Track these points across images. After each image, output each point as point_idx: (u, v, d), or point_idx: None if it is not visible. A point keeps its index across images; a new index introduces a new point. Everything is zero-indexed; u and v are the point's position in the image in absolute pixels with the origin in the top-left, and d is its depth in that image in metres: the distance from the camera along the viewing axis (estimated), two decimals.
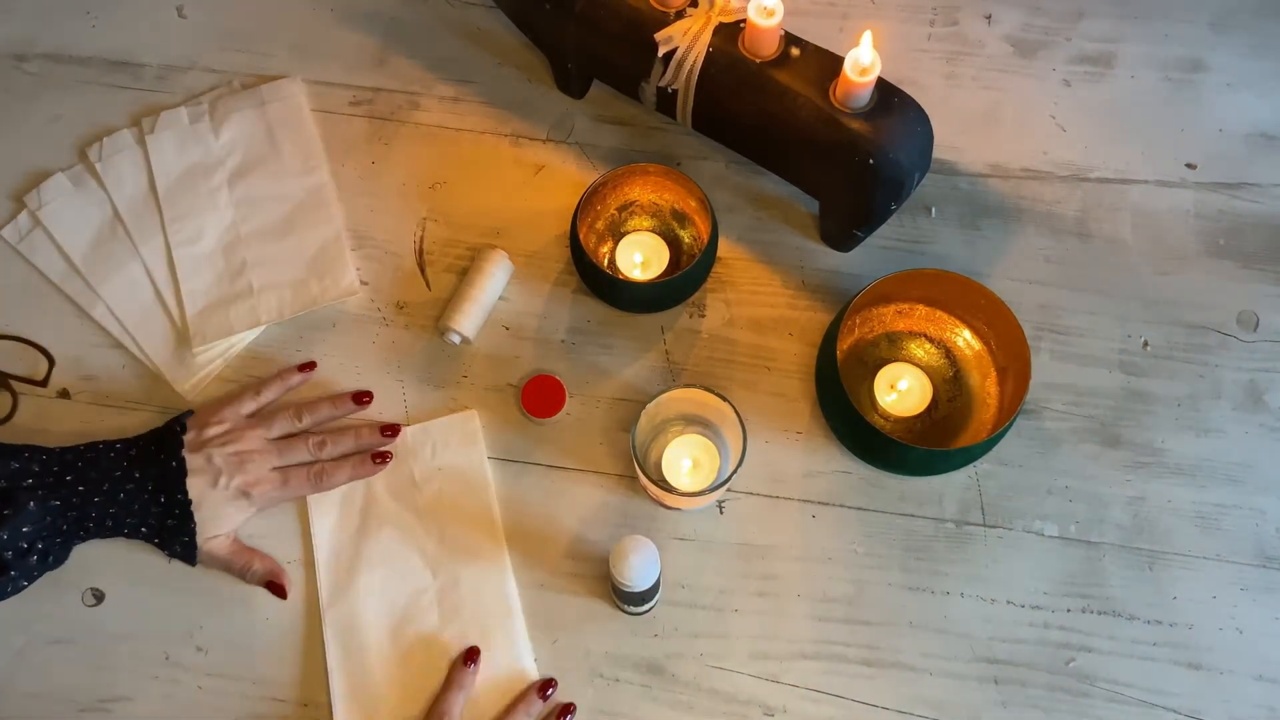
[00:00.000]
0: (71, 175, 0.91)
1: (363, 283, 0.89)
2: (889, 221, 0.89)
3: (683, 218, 0.89)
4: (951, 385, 0.85)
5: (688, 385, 0.77)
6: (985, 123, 0.95)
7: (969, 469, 0.84)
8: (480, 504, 0.82)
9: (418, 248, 0.90)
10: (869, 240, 0.89)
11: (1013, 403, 0.78)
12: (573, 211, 0.83)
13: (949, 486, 0.84)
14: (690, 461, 0.81)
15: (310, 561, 0.81)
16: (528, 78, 0.96)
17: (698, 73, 0.81)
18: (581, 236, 0.83)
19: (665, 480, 0.79)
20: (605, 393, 0.86)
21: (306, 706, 0.78)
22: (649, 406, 0.76)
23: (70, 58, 0.96)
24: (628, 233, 0.89)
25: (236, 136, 0.92)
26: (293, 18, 0.98)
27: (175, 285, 0.87)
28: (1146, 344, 0.88)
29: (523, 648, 0.79)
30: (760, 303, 0.89)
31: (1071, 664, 0.79)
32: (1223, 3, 0.99)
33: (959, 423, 0.84)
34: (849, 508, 0.83)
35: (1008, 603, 0.81)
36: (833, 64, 0.78)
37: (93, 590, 0.81)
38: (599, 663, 0.79)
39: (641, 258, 0.88)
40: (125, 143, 0.92)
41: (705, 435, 0.82)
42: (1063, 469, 0.84)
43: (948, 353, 0.86)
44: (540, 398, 0.84)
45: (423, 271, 0.90)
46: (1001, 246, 0.90)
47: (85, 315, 0.87)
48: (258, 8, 0.98)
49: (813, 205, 0.90)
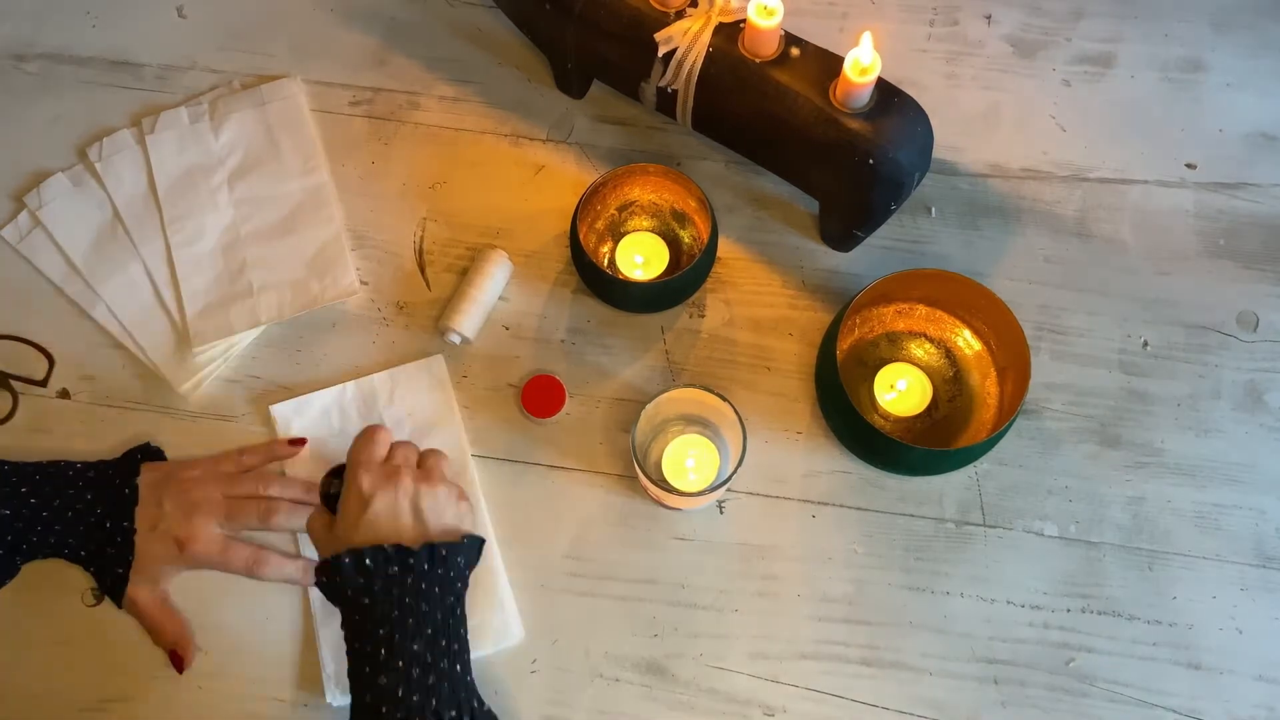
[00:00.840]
0: (71, 175, 0.91)
1: (363, 283, 0.89)
2: (889, 221, 0.89)
3: (683, 218, 0.89)
4: (951, 385, 0.85)
5: (688, 385, 0.77)
6: (985, 123, 0.95)
7: (969, 469, 0.84)
8: (452, 447, 0.83)
9: (418, 248, 0.90)
10: (869, 240, 0.89)
11: (1013, 403, 0.78)
12: (573, 211, 0.83)
13: (949, 486, 0.84)
14: (690, 461, 0.81)
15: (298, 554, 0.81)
16: (528, 78, 0.96)
17: (698, 73, 0.81)
18: (581, 236, 0.83)
19: (665, 480, 0.79)
20: (605, 393, 0.86)
21: (306, 706, 0.78)
22: (649, 406, 0.76)
23: (70, 58, 0.96)
24: (628, 233, 0.89)
25: (236, 136, 0.92)
26: (293, 18, 0.98)
27: (175, 285, 0.87)
28: (1146, 344, 0.88)
29: (504, 593, 0.80)
30: (760, 303, 0.89)
31: (1071, 664, 0.79)
32: (1223, 3, 0.99)
33: (959, 423, 0.84)
34: (849, 508, 0.83)
35: (1008, 603, 0.81)
36: (833, 64, 0.78)
37: (93, 590, 0.81)
38: (599, 663, 0.79)
39: (641, 258, 0.88)
40: (125, 143, 0.92)
41: (705, 435, 0.82)
42: (1062, 469, 0.84)
43: (948, 353, 0.86)
44: (540, 398, 0.84)
45: (423, 271, 0.90)
46: (1001, 246, 0.91)
47: (85, 315, 0.87)
48: (258, 8, 0.98)
49: (813, 205, 0.90)
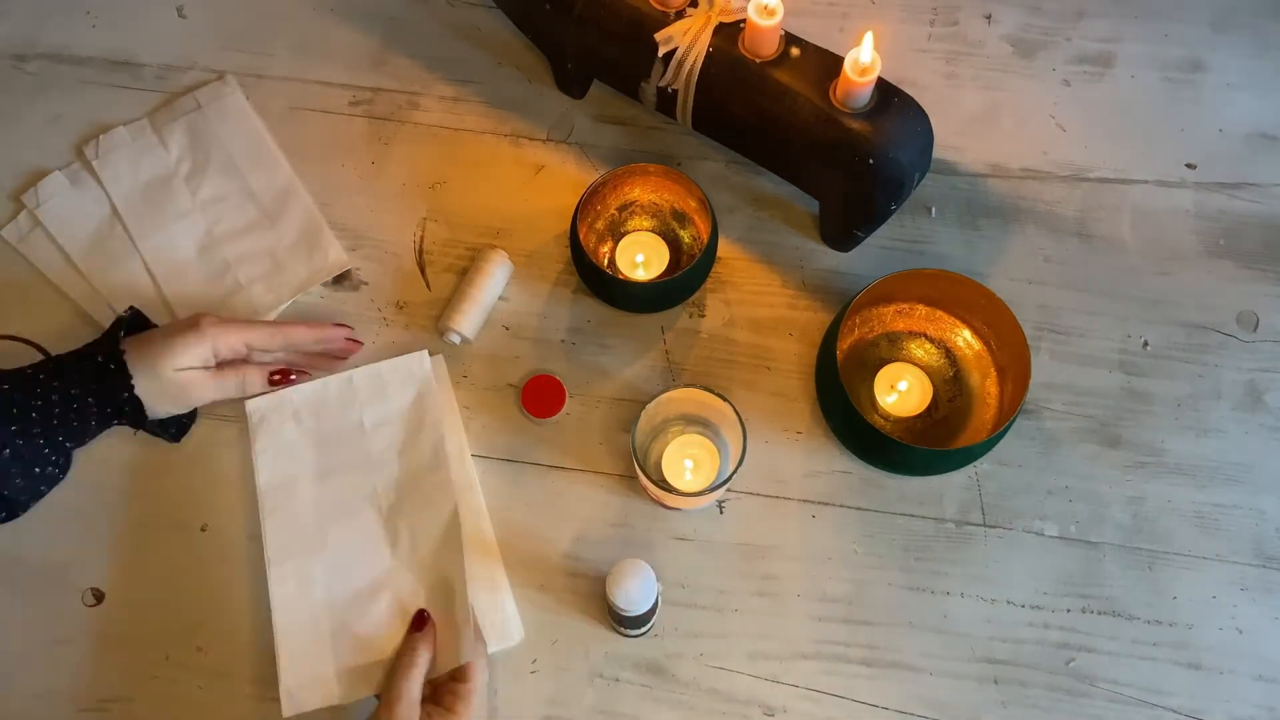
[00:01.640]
0: (69, 173, 0.91)
1: (363, 283, 0.89)
2: (889, 221, 0.89)
3: (683, 218, 0.89)
4: (951, 385, 0.85)
5: (688, 385, 0.77)
6: (985, 123, 0.95)
7: (969, 469, 0.84)
8: (452, 448, 0.82)
9: (418, 248, 0.90)
10: (869, 240, 0.89)
11: (1013, 403, 0.78)
12: (573, 211, 0.83)
13: (949, 486, 0.84)
14: (690, 461, 0.81)
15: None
16: (528, 78, 0.96)
17: (698, 73, 0.81)
18: (581, 236, 0.83)
19: (665, 480, 0.79)
20: (605, 393, 0.86)
21: None
22: (649, 406, 0.76)
23: (70, 58, 0.96)
24: (628, 233, 0.89)
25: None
26: (293, 18, 0.98)
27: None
28: (1146, 344, 0.88)
29: (504, 593, 0.80)
30: (760, 303, 0.89)
31: (1071, 664, 0.79)
32: (1223, 3, 0.99)
33: (959, 423, 0.84)
34: (849, 508, 0.83)
35: (1008, 603, 0.81)
36: (833, 64, 0.78)
37: (93, 590, 0.81)
38: (599, 663, 0.79)
39: (642, 258, 0.88)
40: (121, 140, 0.92)
41: (705, 435, 0.82)
42: (1063, 469, 0.84)
43: (948, 353, 0.86)
44: (540, 398, 0.84)
45: (423, 271, 0.90)
46: (1001, 246, 0.91)
47: (86, 315, 0.87)
48: (258, 8, 0.98)
49: (813, 205, 0.90)
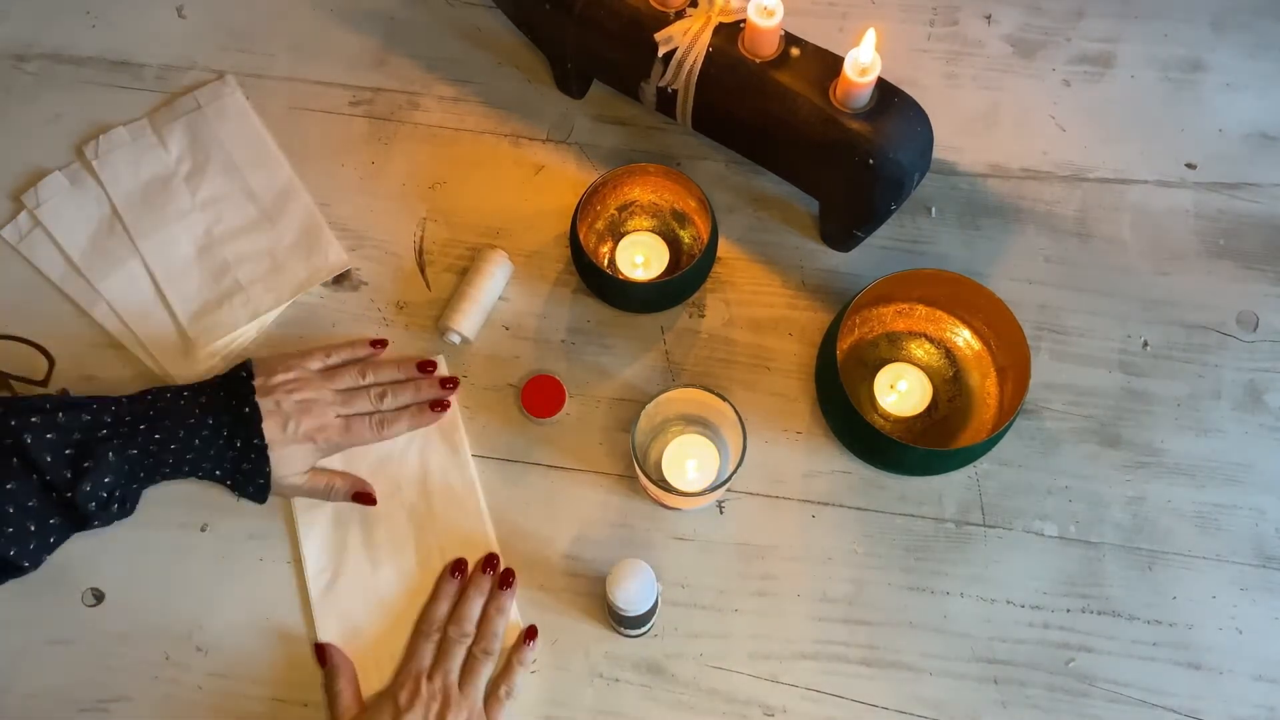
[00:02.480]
0: (69, 173, 0.91)
1: (363, 283, 0.89)
2: (889, 221, 0.89)
3: (683, 218, 0.89)
4: (951, 385, 0.85)
5: (688, 385, 0.77)
6: (985, 123, 0.95)
7: (969, 469, 0.84)
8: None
9: (418, 248, 0.90)
10: (869, 240, 0.89)
11: (1013, 403, 0.78)
12: (573, 211, 0.83)
13: (949, 486, 0.84)
14: (690, 461, 0.81)
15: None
16: (528, 78, 0.96)
17: (697, 73, 0.81)
18: (581, 236, 0.83)
19: (665, 480, 0.79)
20: (605, 393, 0.86)
21: (306, 706, 0.78)
22: (649, 406, 0.76)
23: (70, 58, 0.96)
24: (628, 233, 0.89)
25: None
26: (293, 18, 0.98)
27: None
28: (1146, 344, 0.88)
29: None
30: (760, 303, 0.89)
31: (1071, 664, 0.79)
32: (1223, 3, 0.99)
33: (959, 423, 0.84)
34: (849, 508, 0.83)
35: (1008, 603, 0.81)
36: (833, 64, 0.78)
37: (93, 590, 0.81)
38: (599, 663, 0.79)
39: (642, 258, 0.88)
40: (121, 139, 0.92)
41: (705, 435, 0.82)
42: (1062, 469, 0.84)
43: (948, 353, 0.86)
44: (540, 398, 0.84)
45: (422, 271, 0.90)
46: (1001, 246, 0.91)
47: (85, 315, 0.87)
48: (258, 8, 0.98)
49: (813, 205, 0.90)
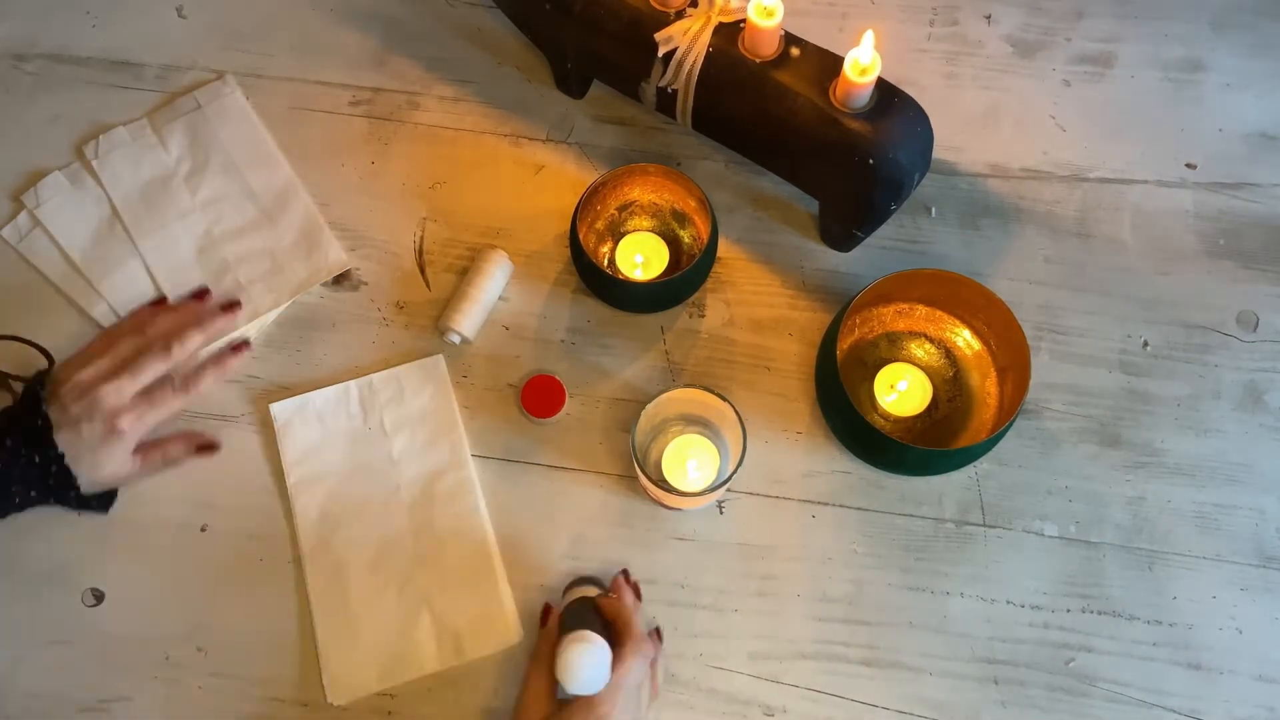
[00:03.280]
0: (68, 173, 0.91)
1: (363, 283, 0.89)
2: (889, 221, 0.89)
3: (682, 218, 0.89)
4: (951, 385, 0.85)
5: (688, 385, 0.77)
6: (985, 123, 0.95)
7: (969, 469, 0.84)
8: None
9: (418, 248, 0.90)
10: (869, 240, 0.89)
11: (1012, 403, 0.78)
12: (573, 211, 0.83)
13: (949, 486, 0.84)
14: (690, 461, 0.81)
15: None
16: (528, 78, 0.96)
17: (697, 73, 0.81)
18: (581, 236, 0.83)
19: (665, 480, 0.79)
20: (605, 393, 0.86)
21: (306, 706, 0.78)
22: (649, 406, 0.76)
23: (70, 58, 0.96)
24: (628, 233, 0.89)
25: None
26: (293, 18, 0.98)
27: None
28: (1146, 344, 0.88)
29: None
30: (760, 303, 0.89)
31: (1071, 664, 0.79)
32: (1223, 3, 0.99)
33: (959, 423, 0.84)
34: (849, 508, 0.83)
35: (1008, 603, 0.81)
36: (833, 64, 0.78)
37: (93, 590, 0.81)
38: None
39: (642, 258, 0.88)
40: (121, 139, 0.92)
41: (705, 435, 0.82)
42: (1062, 469, 0.84)
43: (948, 353, 0.86)
44: (540, 398, 0.84)
45: (422, 271, 0.90)
46: (1001, 246, 0.91)
47: (85, 315, 0.87)
48: (258, 8, 0.98)
49: (813, 205, 0.90)
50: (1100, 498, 0.83)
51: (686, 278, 0.83)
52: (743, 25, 0.79)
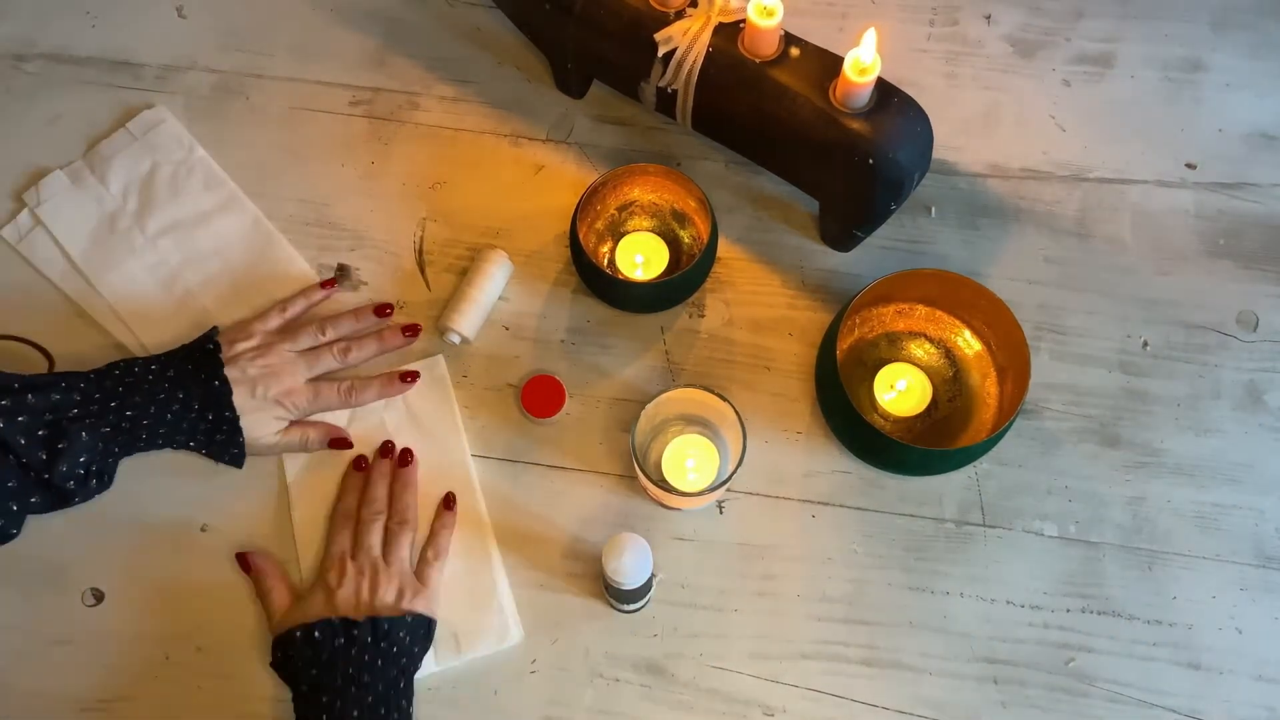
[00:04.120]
0: (70, 172, 0.91)
1: (363, 283, 0.89)
2: (889, 221, 0.89)
3: (682, 218, 0.89)
4: (951, 385, 0.85)
5: (687, 385, 0.77)
6: (985, 123, 0.95)
7: (969, 469, 0.84)
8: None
9: (417, 248, 0.90)
10: (869, 240, 0.89)
11: (1012, 403, 0.78)
12: (573, 211, 0.83)
13: (949, 486, 0.84)
14: (690, 461, 0.81)
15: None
16: (528, 78, 0.96)
17: (697, 73, 0.81)
18: (581, 236, 0.83)
19: (665, 480, 0.79)
20: (605, 393, 0.86)
21: None
22: (649, 406, 0.76)
23: (70, 58, 0.96)
24: (627, 233, 0.89)
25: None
26: (293, 18, 0.98)
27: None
28: (1146, 344, 0.88)
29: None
30: (760, 303, 0.89)
31: (1071, 664, 0.79)
32: (1223, 3, 0.99)
33: (959, 423, 0.84)
34: (849, 508, 0.83)
35: (1007, 603, 0.81)
36: (833, 64, 0.78)
37: (93, 590, 0.81)
38: (599, 663, 0.79)
39: (642, 258, 0.88)
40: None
41: (705, 435, 0.82)
42: (1062, 469, 0.84)
43: (947, 353, 0.86)
44: (540, 398, 0.84)
45: (422, 271, 0.90)
46: (1001, 246, 0.91)
47: (85, 315, 0.87)
48: (258, 8, 0.98)
49: (813, 205, 0.90)
50: (1100, 498, 0.83)
51: (686, 278, 0.83)
52: (742, 25, 0.79)
